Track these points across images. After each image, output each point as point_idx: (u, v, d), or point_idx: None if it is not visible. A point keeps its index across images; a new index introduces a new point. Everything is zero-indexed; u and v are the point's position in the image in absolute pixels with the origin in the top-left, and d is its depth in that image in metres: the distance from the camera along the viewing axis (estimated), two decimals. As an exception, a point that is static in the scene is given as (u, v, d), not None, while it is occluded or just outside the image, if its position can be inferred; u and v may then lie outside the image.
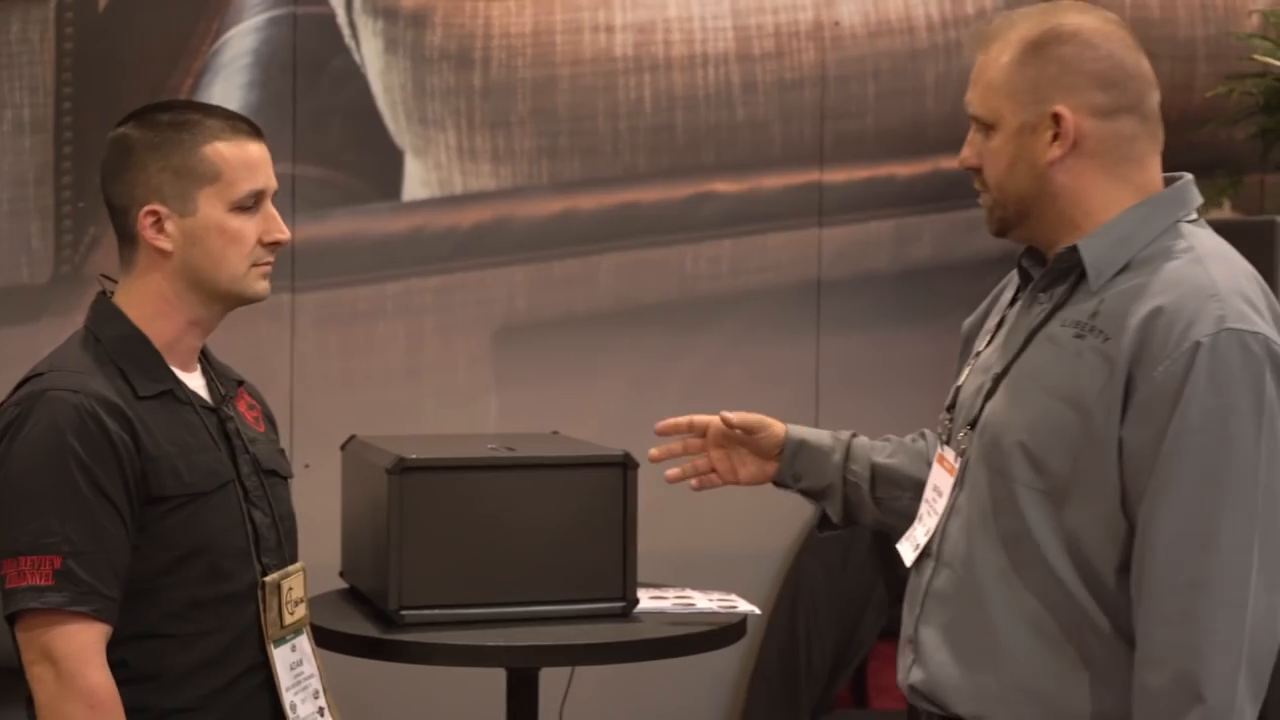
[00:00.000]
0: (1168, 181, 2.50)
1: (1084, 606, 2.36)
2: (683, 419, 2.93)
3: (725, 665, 4.67)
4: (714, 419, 2.91)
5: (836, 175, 4.75)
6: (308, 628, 2.78)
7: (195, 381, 2.71)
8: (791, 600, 4.69)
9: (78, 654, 2.49)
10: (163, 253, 2.62)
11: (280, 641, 2.68)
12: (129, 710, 2.52)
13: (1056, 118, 2.42)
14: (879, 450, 2.90)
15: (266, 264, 2.68)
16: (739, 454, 2.94)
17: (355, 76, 4.37)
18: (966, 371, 2.59)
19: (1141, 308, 2.33)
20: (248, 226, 2.64)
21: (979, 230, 2.63)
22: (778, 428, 2.91)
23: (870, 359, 4.74)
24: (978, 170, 2.51)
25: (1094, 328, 2.37)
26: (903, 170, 4.82)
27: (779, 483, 2.93)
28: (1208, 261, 2.38)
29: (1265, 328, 2.32)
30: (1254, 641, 2.27)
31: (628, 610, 3.15)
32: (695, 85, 4.63)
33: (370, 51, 4.38)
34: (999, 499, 2.42)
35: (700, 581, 3.53)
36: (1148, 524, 2.29)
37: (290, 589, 2.70)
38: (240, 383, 2.84)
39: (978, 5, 4.79)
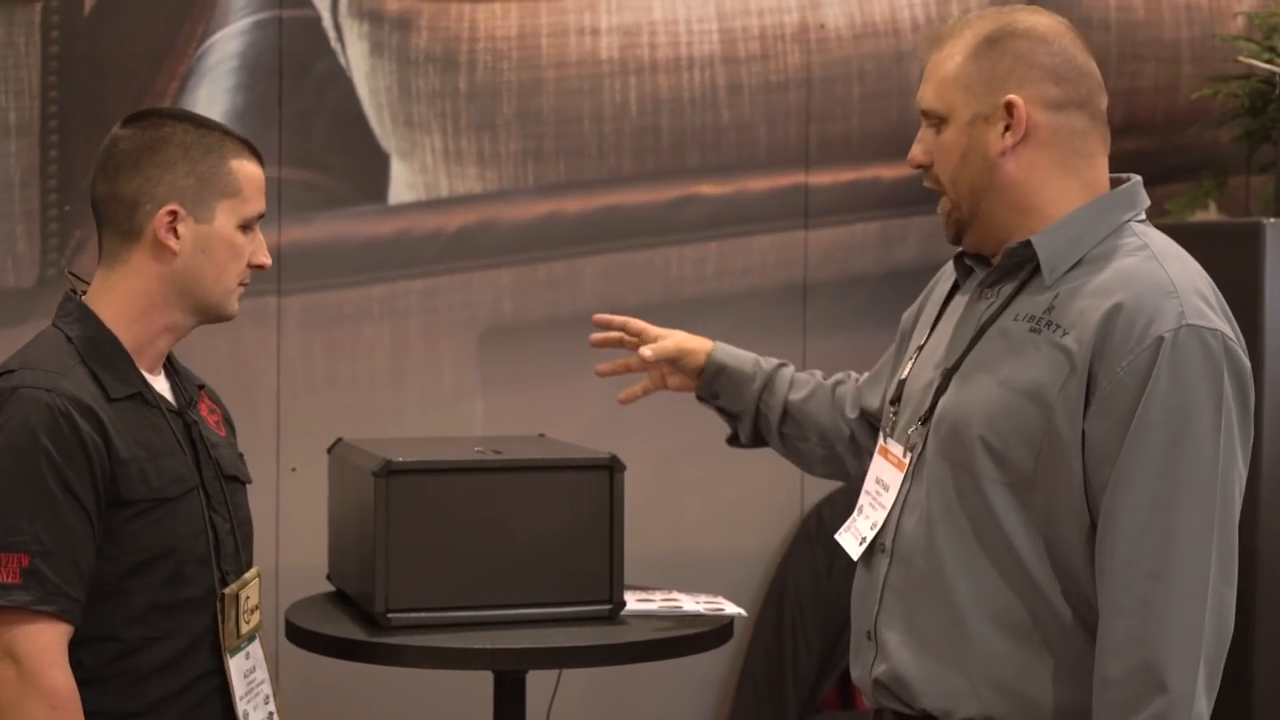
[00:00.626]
0: (1114, 183, 2.54)
1: (1050, 598, 2.40)
2: (618, 317, 3.13)
3: (712, 667, 4.67)
4: (639, 350, 3.08)
5: (822, 177, 4.76)
6: (260, 635, 2.80)
7: (160, 385, 2.72)
8: (778, 602, 4.69)
9: (41, 654, 2.49)
10: (169, 253, 2.65)
11: (235, 650, 2.70)
12: (84, 713, 2.52)
13: (1009, 107, 2.47)
14: (798, 387, 3.02)
15: (246, 285, 2.73)
16: (668, 366, 3.10)
17: (341, 79, 4.37)
18: (910, 365, 2.64)
19: (1101, 303, 2.37)
20: (246, 245, 2.70)
21: (965, 232, 2.66)
22: (699, 354, 3.07)
23: (856, 360, 4.71)
24: (927, 169, 2.57)
25: (1050, 322, 2.41)
26: (888, 172, 4.83)
27: (700, 398, 3.09)
28: (1163, 259, 2.43)
29: (1222, 324, 2.37)
30: (1211, 633, 2.32)
31: (615, 613, 3.15)
32: (680, 88, 4.63)
33: (356, 54, 4.38)
34: (963, 492, 2.45)
35: (687, 584, 3.53)
36: (1109, 516, 2.33)
37: (247, 598, 2.72)
38: (201, 386, 2.85)
39: (963, 6, 4.79)
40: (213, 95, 4.22)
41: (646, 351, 3.05)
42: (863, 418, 2.97)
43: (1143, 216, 2.53)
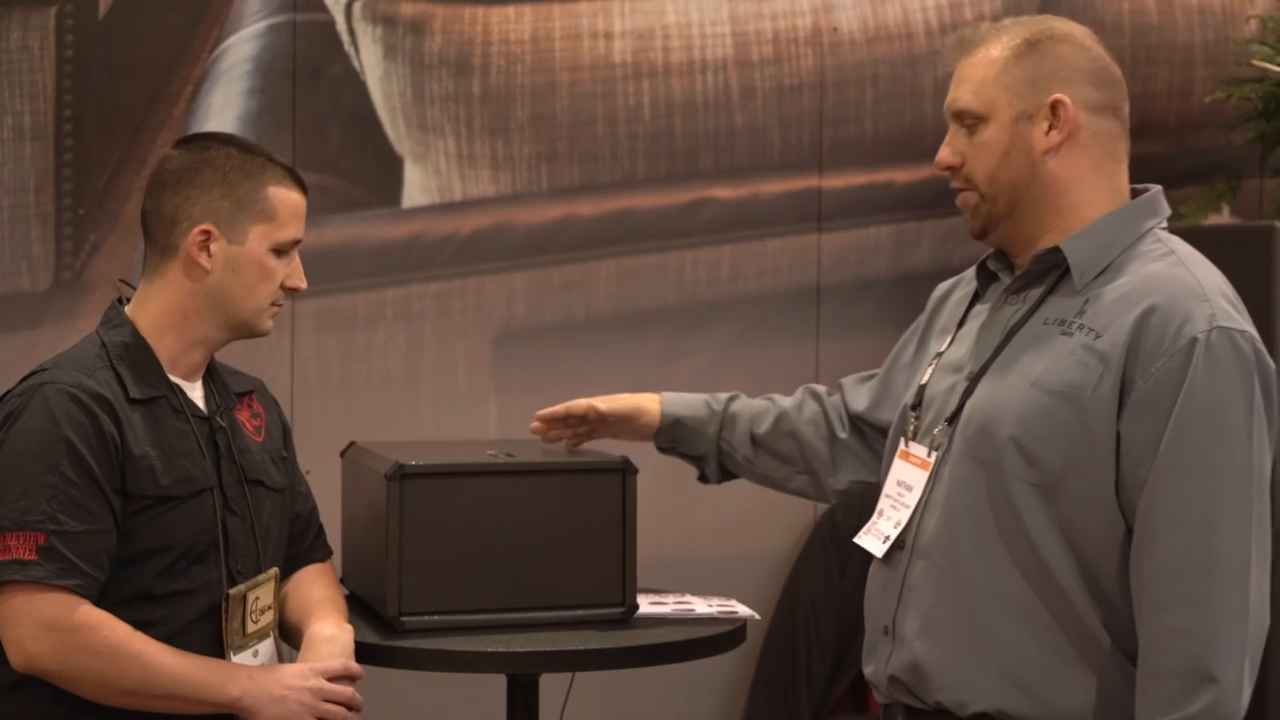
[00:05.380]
0: (1134, 193, 2.63)
1: (1072, 596, 2.46)
2: (560, 409, 3.19)
3: (725, 670, 4.67)
4: (590, 406, 3.17)
5: (835, 180, 4.76)
6: (275, 631, 2.90)
7: (195, 391, 2.85)
8: (791, 605, 4.69)
9: (68, 615, 2.63)
10: (201, 270, 2.79)
11: (241, 649, 2.80)
12: (73, 696, 2.66)
13: (1055, 107, 2.55)
14: (759, 419, 3.11)
15: (279, 305, 2.89)
16: (621, 429, 3.21)
17: (354, 83, 4.37)
18: (930, 370, 2.70)
19: (1134, 307, 2.45)
20: (279, 268, 2.84)
21: (978, 235, 2.67)
22: (652, 413, 3.15)
23: (869, 364, 4.71)
24: (956, 169, 2.61)
25: (1082, 325, 2.48)
26: (901, 175, 4.83)
27: (660, 448, 3.19)
28: (1190, 264, 2.51)
29: (1249, 327, 2.46)
30: (1254, 624, 2.39)
31: (627, 616, 3.15)
32: (694, 91, 4.64)
33: (369, 58, 4.39)
34: (989, 492, 2.50)
35: (700, 587, 3.53)
36: (1149, 513, 2.40)
37: (257, 598, 2.83)
38: (250, 392, 2.99)
39: (976, 11, 4.79)
40: (227, 99, 4.22)
41: (602, 407, 3.15)
42: (855, 429, 3.05)
43: (1164, 224, 2.60)
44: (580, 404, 3.18)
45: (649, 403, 3.16)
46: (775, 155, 4.72)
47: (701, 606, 3.30)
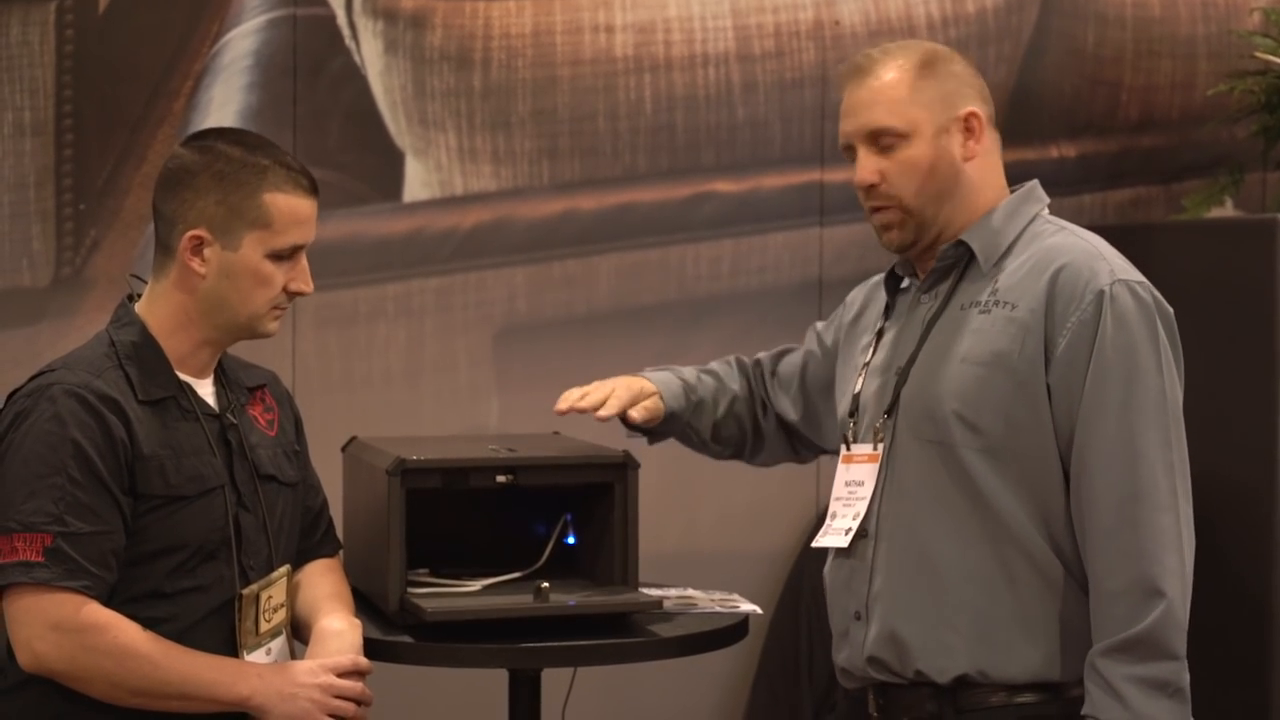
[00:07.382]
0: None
1: (1033, 549, 2.69)
2: (583, 403, 3.12)
3: (728, 665, 4.67)
4: (609, 395, 3.12)
5: (837, 175, 4.75)
6: (287, 628, 2.90)
7: (206, 388, 2.85)
8: (794, 599, 4.68)
9: (75, 616, 2.63)
10: (196, 275, 2.77)
11: (254, 647, 2.81)
12: (85, 695, 2.67)
13: (969, 118, 2.81)
14: (717, 402, 3.23)
15: (283, 308, 2.84)
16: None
17: (355, 78, 4.37)
18: (860, 379, 2.90)
19: (1041, 275, 2.71)
20: (278, 274, 2.80)
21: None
22: (660, 409, 3.17)
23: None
24: (873, 188, 2.82)
25: (998, 301, 2.73)
26: (903, 169, 4.81)
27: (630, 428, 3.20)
28: (1082, 235, 2.80)
29: (1143, 278, 2.73)
30: (1186, 542, 2.64)
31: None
32: (695, 85, 4.63)
33: (370, 53, 4.38)
34: (940, 465, 2.73)
35: (702, 582, 3.53)
36: (1082, 451, 2.66)
37: (269, 597, 2.83)
38: (263, 385, 2.99)
39: (978, 4, 4.78)
40: (227, 94, 4.22)
41: (636, 417, 3.15)
42: (780, 425, 3.23)
43: (1046, 210, 2.88)
44: (602, 392, 3.15)
45: (658, 401, 3.18)
46: (777, 149, 4.71)
47: (703, 601, 3.30)
